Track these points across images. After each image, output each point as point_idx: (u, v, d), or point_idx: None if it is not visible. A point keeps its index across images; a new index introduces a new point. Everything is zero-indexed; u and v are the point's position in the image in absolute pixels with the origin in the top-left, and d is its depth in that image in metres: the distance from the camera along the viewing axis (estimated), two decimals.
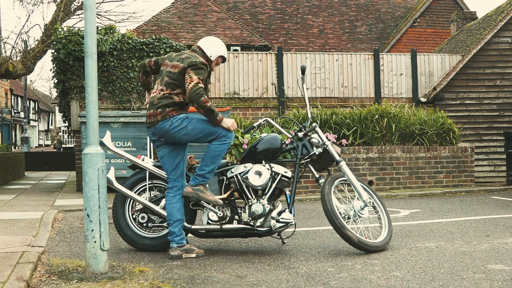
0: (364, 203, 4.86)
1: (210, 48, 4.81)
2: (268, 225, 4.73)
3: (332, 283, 3.73)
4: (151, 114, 4.65)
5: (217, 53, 4.83)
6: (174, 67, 4.67)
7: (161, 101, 4.61)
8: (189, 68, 4.57)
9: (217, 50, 4.84)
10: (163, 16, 20.30)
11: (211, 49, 4.81)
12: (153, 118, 4.63)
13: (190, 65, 4.57)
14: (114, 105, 11.41)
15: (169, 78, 4.65)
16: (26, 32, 18.96)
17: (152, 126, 4.66)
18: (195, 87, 4.46)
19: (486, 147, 13.28)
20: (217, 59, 4.87)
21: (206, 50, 4.80)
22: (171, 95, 4.62)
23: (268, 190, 4.79)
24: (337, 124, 10.60)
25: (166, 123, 4.58)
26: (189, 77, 4.54)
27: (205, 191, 4.66)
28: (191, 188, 4.65)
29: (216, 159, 4.66)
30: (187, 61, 4.62)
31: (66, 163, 23.17)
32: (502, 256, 4.53)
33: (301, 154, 5.00)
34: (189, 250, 4.61)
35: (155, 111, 4.62)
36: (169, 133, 4.60)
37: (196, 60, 4.61)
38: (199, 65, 4.59)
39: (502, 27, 13.40)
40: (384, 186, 10.53)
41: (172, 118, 4.58)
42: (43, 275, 3.91)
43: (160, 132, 4.62)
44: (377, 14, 24.14)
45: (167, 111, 4.59)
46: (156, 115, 4.61)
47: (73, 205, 8.38)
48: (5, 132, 44.81)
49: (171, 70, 4.67)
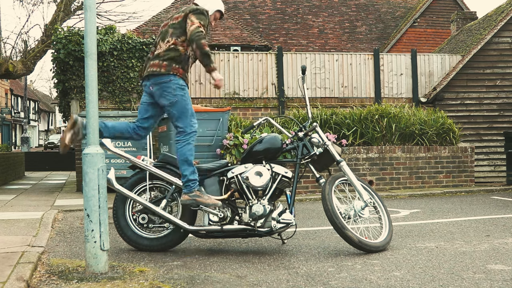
0: (364, 203, 4.85)
1: (208, 3, 4.83)
2: (269, 226, 4.73)
3: (332, 283, 3.72)
4: (155, 64, 4.63)
5: (214, 7, 4.86)
6: (175, 18, 4.73)
7: (167, 53, 4.62)
8: (190, 13, 4.63)
9: (214, 4, 4.86)
10: (163, 16, 20.30)
11: (209, 4, 4.83)
12: (156, 68, 4.61)
13: (191, 10, 4.64)
14: (114, 105, 11.41)
15: (173, 28, 4.68)
16: (26, 32, 18.90)
17: (152, 77, 4.63)
18: (196, 29, 4.51)
19: (486, 147, 13.28)
20: (214, 13, 4.88)
21: (201, 5, 4.80)
22: (177, 45, 4.63)
23: (269, 191, 4.79)
24: (337, 124, 10.60)
25: (165, 78, 4.58)
26: (190, 20, 4.59)
27: (202, 195, 4.65)
28: (187, 196, 4.64)
29: (188, 160, 4.64)
30: (188, 9, 4.69)
31: (66, 163, 23.17)
32: (502, 256, 4.53)
33: (301, 154, 5.00)
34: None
35: (161, 62, 4.61)
36: (160, 87, 4.60)
37: (195, 7, 4.68)
38: (200, 11, 4.64)
39: (502, 27, 13.40)
40: (384, 186, 10.53)
41: (173, 78, 4.59)
42: (43, 275, 3.91)
43: (155, 81, 4.62)
44: (377, 14, 24.14)
45: (173, 66, 4.60)
46: (160, 66, 4.60)
47: (73, 205, 8.38)
48: (5, 132, 44.81)
49: (173, 22, 4.72)
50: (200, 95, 12.44)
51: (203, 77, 12.37)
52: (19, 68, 13.37)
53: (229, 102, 12.44)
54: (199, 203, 4.64)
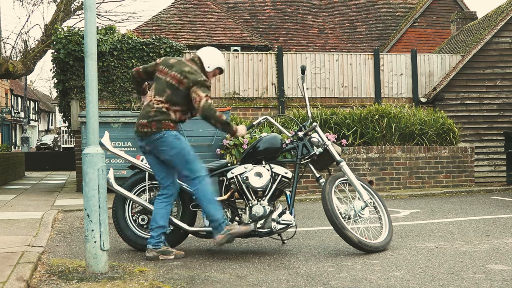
0: (364, 203, 4.85)
1: (209, 60, 4.77)
2: (269, 227, 4.73)
3: (332, 283, 3.72)
4: (145, 124, 4.56)
5: (215, 65, 4.80)
6: (176, 79, 4.57)
7: (157, 114, 4.53)
8: (194, 86, 4.52)
9: (216, 62, 4.81)
10: (163, 16, 20.30)
11: (210, 61, 4.77)
12: (147, 129, 4.55)
13: (196, 84, 4.53)
14: (114, 105, 11.41)
15: (172, 92, 4.56)
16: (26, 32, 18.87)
17: (145, 137, 4.58)
18: (206, 103, 4.45)
19: (486, 147, 13.28)
20: (214, 70, 4.83)
21: (204, 62, 4.76)
22: (169, 111, 4.55)
23: (269, 191, 4.79)
24: (337, 124, 10.60)
25: (158, 134, 4.53)
26: (197, 95, 4.49)
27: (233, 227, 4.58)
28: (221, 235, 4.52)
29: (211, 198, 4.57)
30: (192, 79, 4.54)
31: (66, 163, 23.18)
32: (502, 256, 4.53)
33: (301, 154, 4.99)
34: (166, 252, 4.58)
35: (149, 122, 4.54)
36: (155, 144, 4.56)
37: (201, 79, 4.56)
38: (204, 83, 4.56)
39: (502, 27, 13.40)
40: (384, 186, 10.53)
41: (166, 132, 4.53)
42: (43, 275, 3.91)
43: (149, 141, 4.58)
44: (377, 14, 24.14)
45: (163, 123, 4.54)
46: (150, 126, 4.54)
47: (73, 205, 8.38)
48: (5, 132, 44.80)
49: (174, 83, 4.57)
50: None
51: None
52: (19, 68, 13.37)
53: (229, 102, 12.44)
54: (234, 235, 4.58)
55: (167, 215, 4.64)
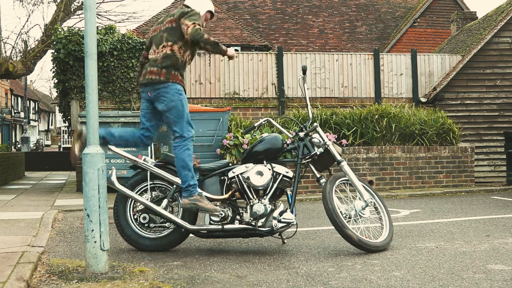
0: (365, 203, 4.85)
1: (198, 5, 4.87)
2: (270, 225, 4.73)
3: (332, 283, 3.72)
4: (153, 72, 4.63)
5: (205, 8, 4.90)
6: (168, 22, 4.73)
7: (165, 60, 4.63)
8: (182, 17, 4.64)
9: (205, 5, 4.91)
10: (163, 16, 20.29)
11: (199, 6, 4.87)
12: (154, 76, 4.62)
13: (182, 14, 4.65)
14: (114, 105, 11.41)
15: (168, 33, 4.69)
16: (26, 32, 18.87)
17: (151, 84, 4.65)
18: (193, 29, 4.51)
19: (486, 147, 13.28)
20: (205, 14, 4.92)
21: (193, 7, 4.83)
22: (174, 51, 4.64)
23: (270, 190, 4.79)
24: (337, 124, 10.60)
25: (164, 84, 4.60)
26: (184, 24, 4.59)
27: (202, 200, 4.65)
28: (187, 200, 4.65)
29: (188, 165, 4.64)
30: (178, 13, 4.69)
31: (66, 163, 23.15)
32: (502, 256, 4.53)
33: (302, 154, 5.00)
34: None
35: (159, 69, 4.62)
36: (158, 92, 4.63)
37: (187, 10, 4.68)
38: (192, 12, 4.66)
39: (502, 27, 13.40)
40: (384, 186, 10.53)
41: (172, 84, 4.61)
42: (43, 275, 3.91)
43: (152, 89, 4.64)
44: (377, 14, 24.14)
45: (172, 74, 4.62)
46: (159, 73, 4.61)
47: (73, 205, 8.38)
48: (5, 132, 44.79)
49: (167, 26, 4.72)
50: (200, 95, 12.44)
51: (203, 77, 12.37)
52: (19, 68, 13.37)
53: (229, 102, 12.44)
54: (199, 207, 4.65)
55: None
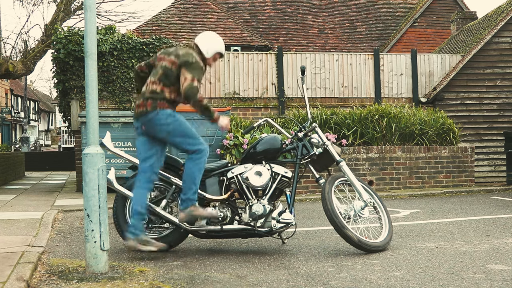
0: (364, 203, 4.85)
1: (207, 46, 4.78)
2: (269, 226, 4.73)
3: (332, 283, 3.73)
4: (141, 104, 4.62)
5: (214, 50, 4.80)
6: (171, 62, 4.63)
7: (151, 94, 4.59)
8: (183, 67, 4.55)
9: (214, 47, 4.80)
10: (163, 16, 20.30)
11: (208, 47, 4.78)
12: (142, 108, 4.60)
13: (185, 64, 4.56)
14: (114, 105, 11.41)
15: (164, 73, 4.62)
16: (26, 32, 18.86)
17: (141, 117, 4.61)
18: (190, 85, 4.46)
19: (486, 147, 13.28)
20: (214, 55, 4.84)
21: (202, 48, 4.77)
22: (163, 91, 4.59)
23: (269, 191, 4.79)
24: (337, 124, 10.60)
25: (153, 113, 4.55)
26: (184, 77, 4.52)
27: (197, 209, 4.62)
28: (183, 213, 4.61)
29: (196, 180, 4.60)
30: (183, 59, 4.59)
31: (66, 163, 23.17)
32: (502, 256, 4.53)
33: (301, 154, 5.00)
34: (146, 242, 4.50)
35: (145, 101, 4.59)
36: (151, 123, 4.57)
37: (191, 60, 4.58)
38: (195, 65, 4.57)
39: (502, 27, 13.40)
40: (384, 186, 10.53)
41: (160, 111, 4.56)
42: (43, 275, 3.91)
43: (144, 120, 4.60)
44: (377, 14, 24.14)
45: (158, 102, 4.57)
46: (146, 105, 4.58)
47: (73, 205, 8.38)
48: (5, 132, 44.79)
49: (168, 65, 4.63)
50: None
51: (203, 77, 12.35)
52: (19, 68, 13.37)
53: (229, 102, 12.44)
54: (195, 217, 4.64)
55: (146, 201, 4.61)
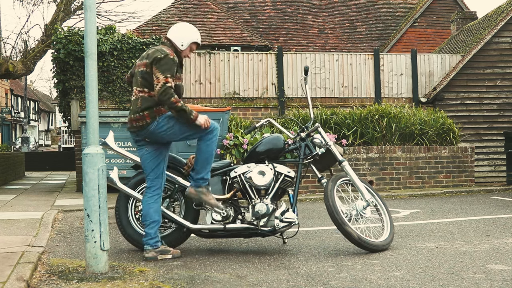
0: (366, 203, 4.85)
1: (180, 37, 4.53)
2: (272, 225, 4.73)
3: (332, 283, 3.72)
4: (138, 118, 4.47)
5: (188, 40, 4.55)
6: (144, 65, 4.47)
7: (143, 103, 4.46)
8: (153, 66, 4.37)
9: (188, 37, 4.55)
10: (163, 16, 20.29)
11: (181, 38, 4.53)
12: (141, 122, 4.47)
13: (155, 62, 4.37)
14: (114, 105, 11.41)
15: (142, 78, 4.47)
16: (26, 32, 18.85)
17: (141, 131, 4.51)
18: (162, 88, 4.28)
19: (486, 147, 13.28)
20: (190, 45, 4.59)
21: (175, 40, 4.53)
22: (151, 96, 4.45)
23: (271, 190, 4.79)
24: (337, 124, 10.60)
25: (153, 124, 4.47)
26: (155, 77, 4.34)
27: (207, 194, 4.61)
28: (194, 190, 4.61)
29: (209, 160, 4.59)
30: (152, 58, 4.39)
31: (66, 163, 23.16)
32: (502, 256, 4.53)
33: (303, 154, 5.00)
34: (164, 251, 4.54)
35: (141, 114, 4.46)
36: (155, 133, 4.50)
37: (159, 56, 4.35)
38: (164, 60, 4.33)
39: (502, 27, 13.40)
40: (384, 186, 10.53)
41: (159, 118, 4.47)
42: (43, 275, 3.91)
43: (146, 133, 4.52)
44: (377, 14, 24.13)
45: (154, 110, 4.46)
46: (144, 118, 4.46)
47: (73, 205, 8.38)
48: (5, 132, 44.79)
49: (143, 69, 4.48)
50: (200, 95, 12.44)
51: (203, 77, 12.37)
52: (19, 68, 13.37)
53: (229, 102, 12.44)
54: (202, 200, 4.61)
55: (160, 209, 4.61)
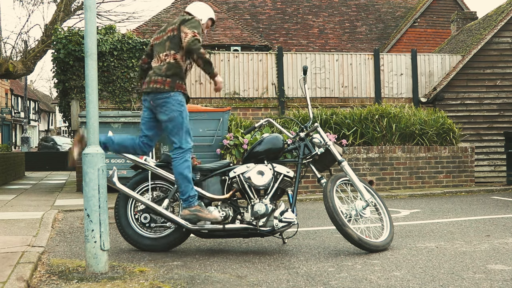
0: (366, 203, 4.86)
1: (199, 12, 4.92)
2: (271, 225, 4.74)
3: (332, 283, 3.72)
4: (158, 81, 4.64)
5: (206, 16, 4.97)
6: (170, 31, 4.74)
7: (169, 69, 4.64)
8: (181, 25, 4.66)
9: (207, 13, 4.98)
10: (163, 16, 20.30)
11: (201, 13, 4.93)
12: (159, 85, 4.63)
13: (182, 22, 4.67)
14: (114, 105, 11.41)
15: (170, 41, 4.70)
16: (26, 32, 18.86)
17: (152, 93, 4.65)
18: (192, 39, 4.53)
19: (486, 147, 13.28)
20: (207, 22, 4.99)
21: (195, 15, 4.87)
22: (177, 60, 4.67)
23: (271, 190, 4.79)
24: (337, 124, 10.60)
25: (167, 94, 4.61)
26: (183, 32, 4.61)
27: (202, 210, 4.65)
28: (187, 210, 4.65)
29: (187, 177, 4.63)
30: (179, 20, 4.72)
31: (66, 163, 23.15)
32: (502, 256, 4.53)
33: (303, 154, 5.00)
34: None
35: (164, 78, 4.63)
36: (160, 101, 4.63)
37: (189, 17, 4.71)
38: (192, 20, 4.67)
39: (502, 27, 13.40)
40: (384, 186, 10.53)
41: (174, 94, 4.61)
42: (43, 275, 3.91)
43: (154, 97, 4.65)
44: (377, 14, 24.14)
45: (177, 83, 4.64)
46: (164, 82, 4.62)
47: (73, 205, 8.38)
48: (5, 132, 44.79)
49: (170, 34, 4.73)
50: (200, 95, 12.44)
51: (203, 77, 12.36)
52: (19, 68, 13.37)
53: (229, 102, 12.44)
54: (200, 218, 4.65)
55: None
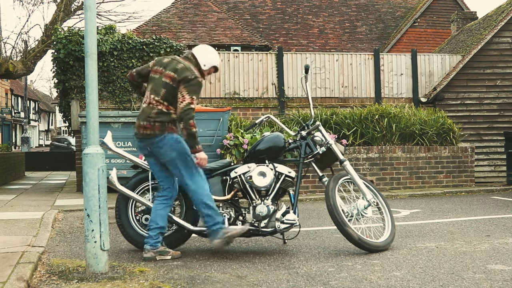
0: (368, 202, 4.85)
1: (204, 58, 4.73)
2: (273, 226, 4.73)
3: (332, 283, 3.72)
4: (147, 127, 4.52)
5: (211, 63, 4.76)
6: (170, 78, 4.53)
7: (159, 116, 4.50)
8: (182, 84, 4.48)
9: (212, 61, 4.77)
10: (163, 16, 20.30)
11: (205, 59, 4.74)
12: (149, 131, 4.51)
13: (184, 81, 4.48)
14: (114, 105, 11.41)
15: (167, 91, 4.52)
16: (26, 32, 18.90)
17: (146, 139, 4.55)
18: (186, 106, 4.40)
19: (486, 147, 13.27)
20: (210, 69, 4.79)
21: (200, 59, 4.72)
22: (170, 111, 4.51)
23: (272, 191, 4.79)
24: (337, 124, 10.60)
25: (160, 137, 4.51)
26: (181, 95, 4.45)
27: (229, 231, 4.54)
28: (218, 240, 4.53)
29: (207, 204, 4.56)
30: (182, 75, 4.51)
31: (66, 163, 23.16)
32: (502, 256, 4.53)
33: (304, 153, 4.99)
34: (163, 252, 4.57)
35: (153, 123, 4.51)
36: (156, 145, 4.54)
37: (191, 77, 4.50)
38: (194, 82, 4.49)
39: (502, 27, 13.39)
40: (384, 186, 10.53)
41: (168, 135, 4.51)
42: (43, 275, 3.91)
43: (149, 143, 4.55)
44: (377, 14, 24.13)
45: (166, 126, 4.51)
46: (153, 128, 4.50)
47: (73, 205, 8.38)
48: (5, 132, 44.80)
49: (167, 81, 4.53)
50: (200, 95, 12.39)
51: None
52: (19, 68, 13.37)
53: (229, 102, 12.44)
54: (231, 239, 4.57)
55: (166, 216, 4.64)
